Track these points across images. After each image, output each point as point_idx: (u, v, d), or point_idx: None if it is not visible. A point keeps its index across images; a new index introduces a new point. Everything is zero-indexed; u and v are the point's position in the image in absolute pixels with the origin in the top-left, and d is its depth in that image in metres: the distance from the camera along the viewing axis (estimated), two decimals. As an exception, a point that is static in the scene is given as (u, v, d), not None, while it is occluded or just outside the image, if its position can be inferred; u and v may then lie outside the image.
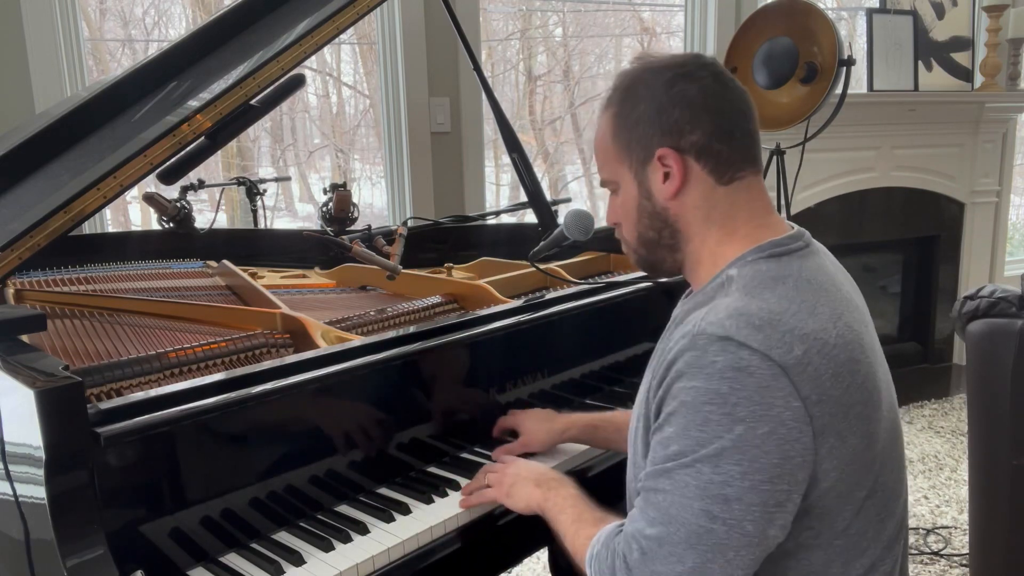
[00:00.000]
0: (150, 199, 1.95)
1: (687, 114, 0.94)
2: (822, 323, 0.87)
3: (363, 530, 1.07)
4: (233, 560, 1.01)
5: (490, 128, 3.23)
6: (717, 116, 0.95)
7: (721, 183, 0.96)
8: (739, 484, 0.82)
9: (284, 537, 1.06)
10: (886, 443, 0.92)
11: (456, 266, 1.93)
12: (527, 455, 1.28)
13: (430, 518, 1.11)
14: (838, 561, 0.90)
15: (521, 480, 1.11)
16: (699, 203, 0.97)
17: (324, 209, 2.04)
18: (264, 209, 2.38)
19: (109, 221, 2.91)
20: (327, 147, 4.66)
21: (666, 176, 0.97)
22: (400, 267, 1.63)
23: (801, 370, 0.83)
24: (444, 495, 1.17)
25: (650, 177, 0.98)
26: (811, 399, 0.83)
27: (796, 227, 1.01)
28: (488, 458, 1.28)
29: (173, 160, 1.26)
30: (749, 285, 0.91)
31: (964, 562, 2.39)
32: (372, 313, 1.47)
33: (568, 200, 2.14)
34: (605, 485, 1.21)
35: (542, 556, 2.38)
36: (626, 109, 0.98)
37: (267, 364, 1.11)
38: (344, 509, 1.13)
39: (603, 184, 1.06)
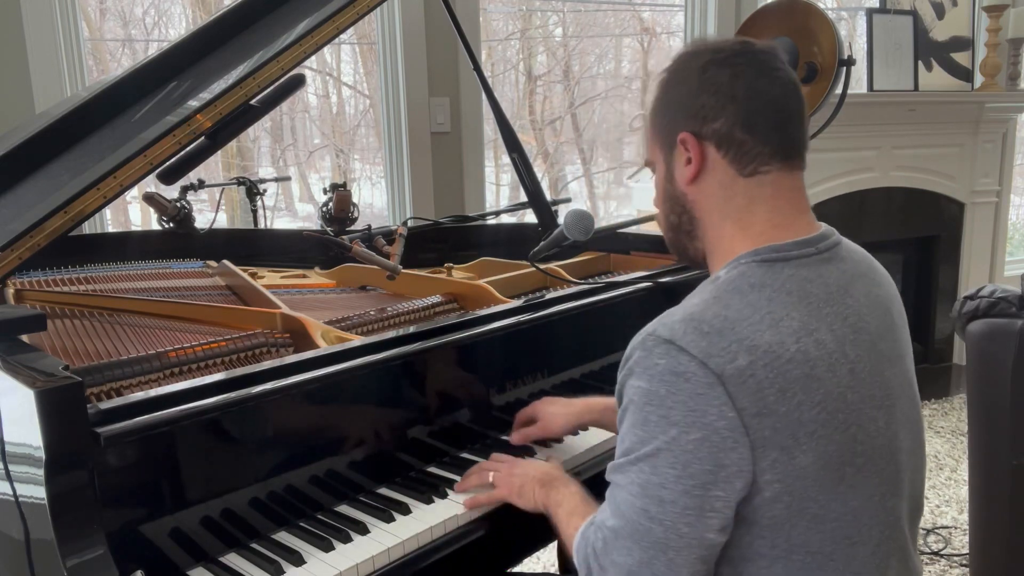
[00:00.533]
0: (150, 199, 1.95)
1: (713, 100, 0.93)
2: (781, 336, 0.85)
3: (363, 530, 1.07)
4: (233, 560, 1.01)
5: (490, 128, 3.23)
6: (744, 105, 0.92)
7: (742, 175, 0.94)
8: (673, 487, 0.83)
9: (284, 537, 1.06)
10: (862, 468, 0.88)
11: (456, 266, 1.93)
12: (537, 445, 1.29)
13: (430, 518, 1.11)
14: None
15: (529, 480, 1.12)
16: (717, 192, 0.96)
17: (324, 209, 2.04)
18: (264, 209, 2.38)
19: (109, 221, 2.91)
20: (327, 147, 4.66)
21: (688, 161, 0.96)
22: (400, 267, 1.63)
23: (741, 381, 0.82)
24: (444, 495, 1.17)
25: (675, 160, 0.98)
26: (749, 411, 0.82)
27: (824, 228, 0.98)
28: (485, 458, 1.28)
29: (173, 160, 1.26)
30: (723, 289, 0.90)
31: (964, 562, 2.39)
32: (372, 313, 1.47)
33: (568, 200, 2.14)
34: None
35: (543, 556, 2.38)
36: (664, 91, 0.99)
37: (267, 364, 1.11)
38: (344, 509, 1.13)
39: (645, 164, 1.06)
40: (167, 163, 1.25)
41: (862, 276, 0.98)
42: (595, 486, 1.14)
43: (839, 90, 2.66)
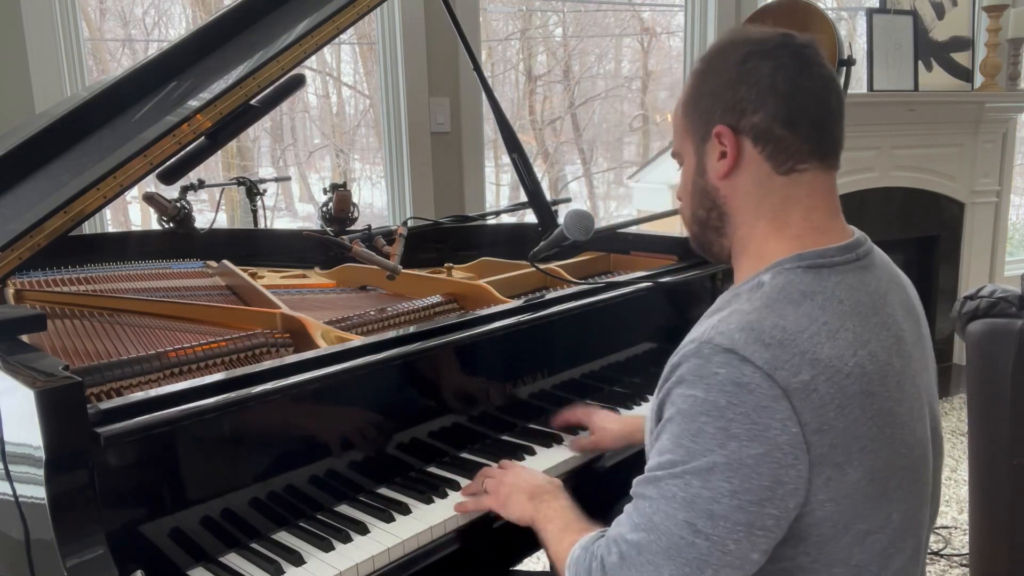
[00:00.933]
0: (150, 199, 1.95)
1: (752, 93, 0.89)
2: (840, 350, 0.82)
3: (363, 530, 1.07)
4: (233, 560, 1.01)
5: (490, 128, 3.23)
6: (786, 99, 0.88)
7: (779, 172, 0.90)
8: (727, 502, 0.79)
9: (284, 537, 1.06)
10: (903, 481, 0.88)
11: (456, 266, 1.93)
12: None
13: (430, 518, 1.11)
14: None
15: (517, 491, 1.10)
16: (751, 189, 0.92)
17: (324, 209, 2.04)
18: (264, 209, 2.38)
19: (109, 221, 2.91)
20: (327, 147, 4.66)
21: (722, 155, 0.92)
22: (400, 267, 1.63)
23: (805, 396, 0.79)
24: (444, 495, 1.17)
25: (708, 154, 0.94)
26: (811, 426, 0.80)
27: (858, 234, 0.95)
28: (485, 458, 1.28)
29: (173, 160, 1.26)
30: (774, 297, 0.86)
31: (964, 562, 2.39)
32: (372, 313, 1.47)
33: (568, 200, 2.14)
34: (619, 477, 1.20)
35: (543, 556, 2.38)
36: (700, 81, 0.94)
37: (267, 364, 1.11)
38: (344, 509, 1.13)
39: (672, 155, 1.03)
40: (167, 163, 1.25)
41: (895, 284, 0.96)
42: (615, 476, 1.14)
43: (839, 90, 2.67)
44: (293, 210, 5.07)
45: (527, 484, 1.11)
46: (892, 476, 0.86)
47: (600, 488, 1.27)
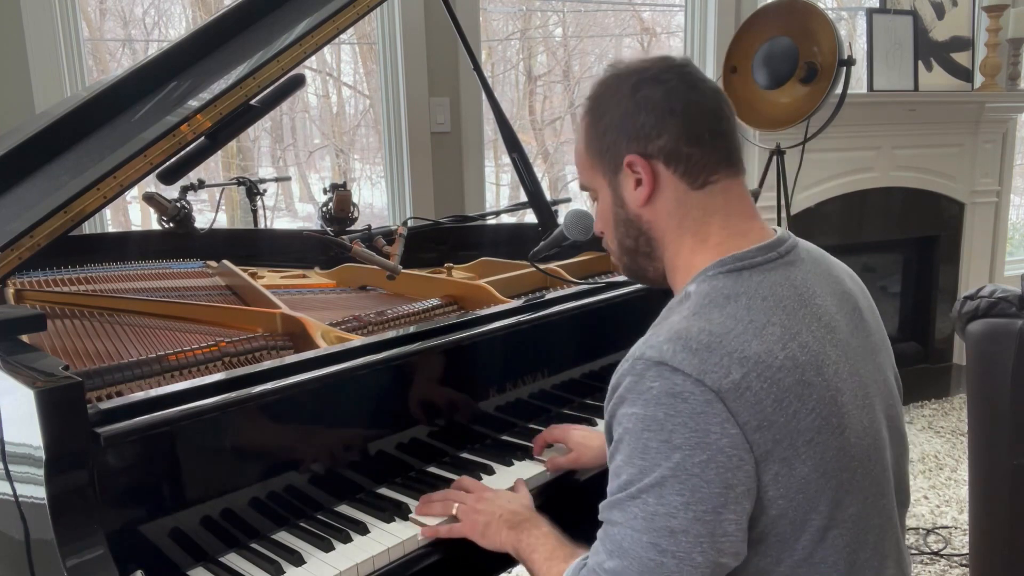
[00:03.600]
0: (150, 199, 1.95)
1: (652, 118, 0.92)
2: (768, 344, 0.84)
3: (363, 530, 1.07)
4: (233, 560, 1.01)
5: (490, 128, 3.23)
6: (684, 119, 0.92)
7: (694, 187, 0.94)
8: (683, 516, 0.80)
9: (284, 537, 1.06)
10: (856, 472, 0.88)
11: (456, 266, 1.93)
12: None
13: (430, 518, 1.11)
14: None
15: (495, 521, 1.06)
16: (672, 209, 0.95)
17: (324, 209, 2.04)
18: (264, 209, 2.38)
19: (109, 221, 2.91)
20: (327, 147, 4.66)
21: (638, 183, 0.95)
22: (400, 267, 1.62)
23: (738, 395, 0.80)
24: (444, 495, 1.16)
25: (622, 184, 0.97)
26: (750, 425, 0.81)
27: (780, 232, 0.97)
28: (485, 458, 1.28)
29: (173, 160, 1.26)
30: (700, 304, 0.89)
31: (964, 562, 2.39)
32: (372, 313, 1.47)
33: (568, 200, 2.14)
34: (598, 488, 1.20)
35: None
36: (596, 117, 0.97)
37: (267, 364, 1.11)
38: (344, 509, 1.13)
39: (582, 189, 1.05)
40: (167, 163, 1.25)
41: (824, 275, 0.97)
42: (583, 500, 1.14)
43: (839, 90, 2.67)
44: (293, 210, 5.07)
45: (503, 511, 1.07)
46: (844, 468, 0.86)
47: (574, 503, 1.26)
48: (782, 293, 0.89)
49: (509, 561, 1.09)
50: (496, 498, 1.11)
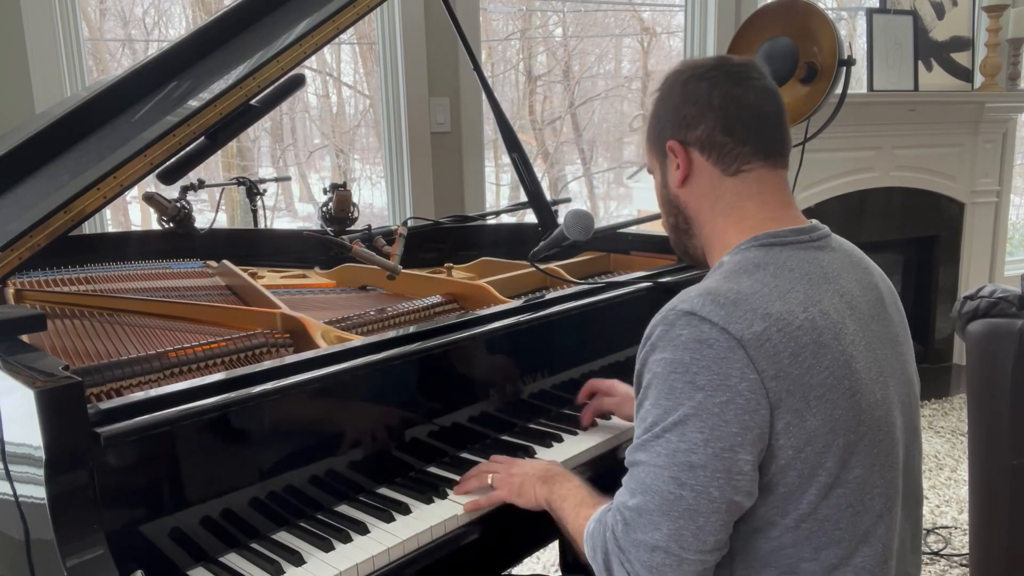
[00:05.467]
0: (150, 199, 1.95)
1: (694, 110, 1.02)
2: (790, 306, 0.91)
3: (363, 530, 1.07)
4: (233, 560, 1.01)
5: (490, 128, 3.23)
6: (722, 111, 1.00)
7: (727, 174, 1.02)
8: (702, 451, 0.87)
9: (284, 537, 1.06)
10: (864, 437, 0.93)
11: (456, 266, 1.93)
12: None
13: (430, 518, 1.11)
14: (808, 546, 0.92)
15: (529, 479, 1.13)
16: (706, 192, 1.04)
17: (324, 209, 2.04)
18: (264, 209, 2.38)
19: (109, 221, 2.91)
20: (327, 147, 4.66)
21: (677, 167, 1.05)
22: (400, 267, 1.63)
23: (759, 345, 0.87)
24: (444, 495, 1.17)
25: (668, 167, 1.07)
26: (768, 373, 0.87)
27: (812, 222, 1.04)
28: (485, 458, 1.28)
29: (173, 160, 1.26)
30: (731, 270, 0.97)
31: (964, 562, 2.39)
32: (372, 313, 1.47)
33: (568, 200, 2.14)
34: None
35: (543, 556, 2.38)
36: (656, 107, 1.08)
37: (267, 364, 1.11)
38: (344, 509, 1.13)
39: (648, 171, 1.14)
40: (167, 163, 1.25)
41: (854, 265, 1.05)
42: (598, 484, 1.14)
43: (839, 90, 2.66)
44: (293, 210, 5.08)
45: (536, 469, 1.15)
46: (854, 431, 0.92)
47: (609, 483, 1.27)
48: (808, 268, 0.97)
49: (509, 560, 1.09)
50: (527, 463, 1.19)
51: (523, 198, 1.88)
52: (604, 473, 1.31)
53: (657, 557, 0.88)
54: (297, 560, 1.00)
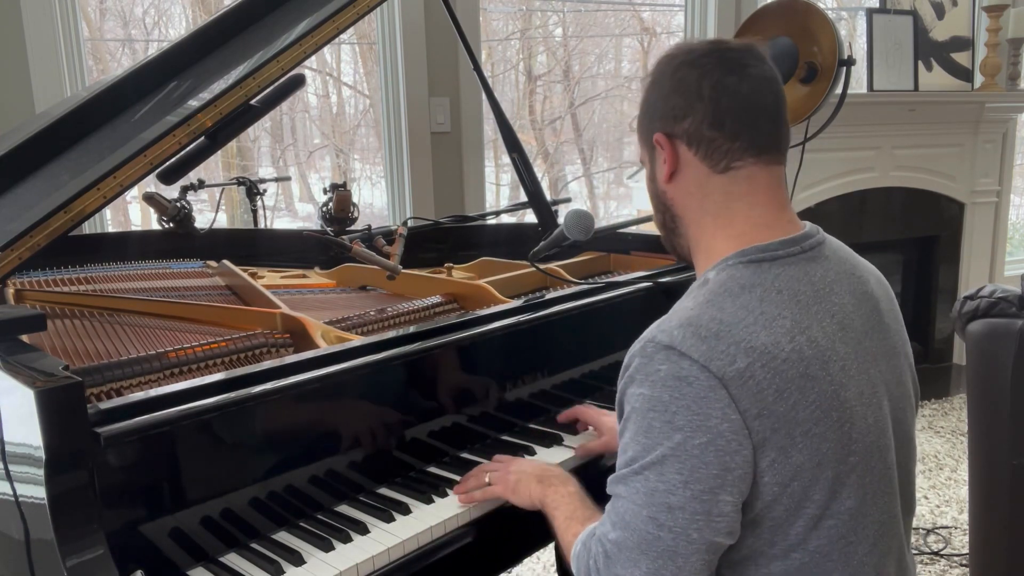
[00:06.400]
0: (150, 199, 1.95)
1: (682, 100, 0.95)
2: (776, 336, 0.86)
3: (363, 530, 1.07)
4: (233, 560, 1.01)
5: (490, 128, 3.23)
6: (711, 103, 0.93)
7: (716, 171, 0.95)
8: (681, 493, 0.83)
9: (284, 537, 1.06)
10: (856, 466, 0.89)
11: (456, 266, 1.93)
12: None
13: (430, 518, 1.11)
14: (798, 574, 0.89)
15: (525, 476, 1.12)
16: (693, 190, 0.97)
17: (324, 209, 2.04)
18: (264, 209, 2.38)
19: (109, 221, 2.91)
20: (327, 147, 4.66)
21: (664, 161, 0.98)
22: (400, 267, 1.63)
23: (741, 383, 0.83)
24: (444, 495, 1.17)
25: (656, 160, 1.00)
26: (750, 412, 0.83)
27: (808, 227, 0.98)
28: (485, 458, 1.28)
29: (173, 160, 1.26)
30: (715, 291, 0.90)
31: (964, 562, 2.39)
32: (372, 313, 1.47)
33: (568, 200, 2.14)
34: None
35: (542, 556, 2.38)
36: (646, 95, 1.01)
37: (267, 364, 1.11)
38: (344, 509, 1.13)
39: (640, 161, 1.09)
40: (167, 163, 1.25)
41: (847, 274, 0.98)
42: (597, 483, 1.14)
43: (839, 90, 2.66)
44: (293, 210, 5.08)
45: (534, 468, 1.14)
46: (843, 461, 0.88)
47: (600, 486, 1.27)
48: (798, 288, 0.91)
49: (509, 560, 1.09)
50: (526, 461, 1.18)
51: (523, 198, 1.88)
52: (604, 473, 1.31)
53: None
54: (297, 560, 1.00)
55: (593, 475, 1.30)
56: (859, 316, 0.95)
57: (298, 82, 1.48)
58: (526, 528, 1.15)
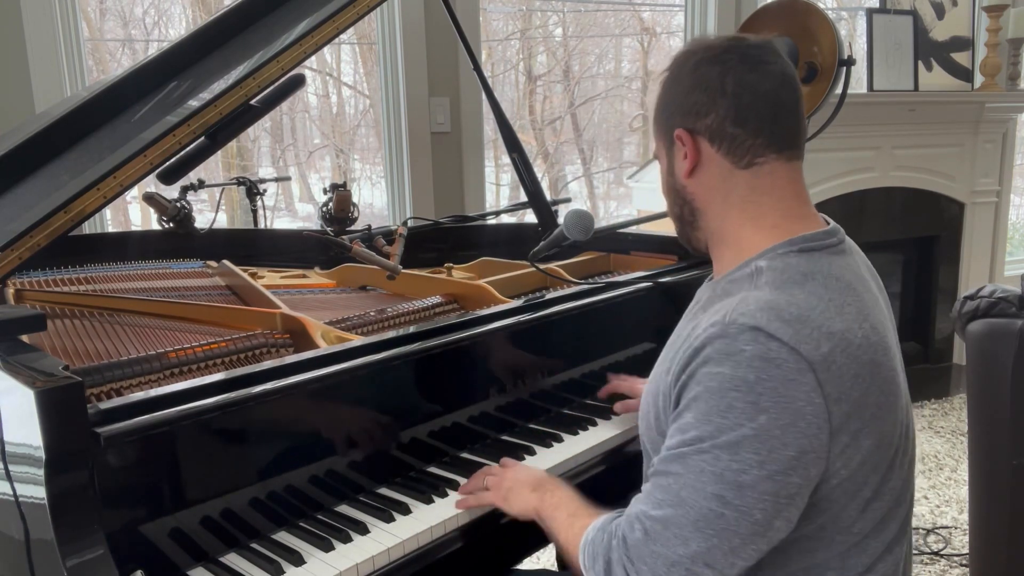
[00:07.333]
0: (150, 199, 1.95)
1: (704, 97, 0.96)
2: (848, 323, 0.87)
3: (363, 530, 1.07)
4: (233, 560, 1.01)
5: (490, 128, 3.23)
6: (734, 99, 0.94)
7: (739, 167, 0.96)
8: (755, 472, 0.82)
9: (284, 537, 1.06)
10: (898, 447, 0.93)
11: (456, 266, 1.93)
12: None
13: (430, 518, 1.11)
14: (838, 557, 0.91)
15: (519, 485, 1.11)
16: (716, 185, 0.98)
17: (324, 209, 2.04)
18: (264, 209, 2.38)
19: (109, 221, 2.91)
20: (327, 147, 4.66)
21: (685, 156, 0.99)
22: (400, 267, 1.63)
23: (826, 367, 0.84)
24: (444, 495, 1.17)
25: (675, 156, 1.01)
26: (832, 397, 0.84)
27: (831, 223, 1.01)
28: (485, 458, 1.28)
29: (173, 160, 1.26)
30: (779, 279, 0.91)
31: (964, 562, 2.39)
32: (372, 313, 1.47)
33: (568, 200, 2.14)
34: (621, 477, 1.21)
35: (542, 556, 2.38)
36: (663, 90, 1.02)
37: (267, 364, 1.11)
38: (344, 509, 1.13)
39: (654, 156, 1.10)
40: (167, 163, 1.25)
41: (867, 267, 1.03)
42: (594, 486, 1.15)
43: (839, 90, 2.66)
44: (293, 210, 5.08)
45: (528, 477, 1.13)
46: (892, 443, 0.91)
47: (603, 485, 1.27)
48: (848, 277, 0.94)
49: (509, 560, 1.09)
50: (523, 469, 1.17)
51: (523, 198, 1.88)
52: (604, 472, 1.32)
53: (675, 573, 0.84)
54: (297, 560, 1.00)
55: (603, 472, 1.30)
56: (886, 307, 1.01)
57: (298, 82, 1.48)
58: (526, 528, 1.15)
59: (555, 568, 2.19)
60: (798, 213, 0.97)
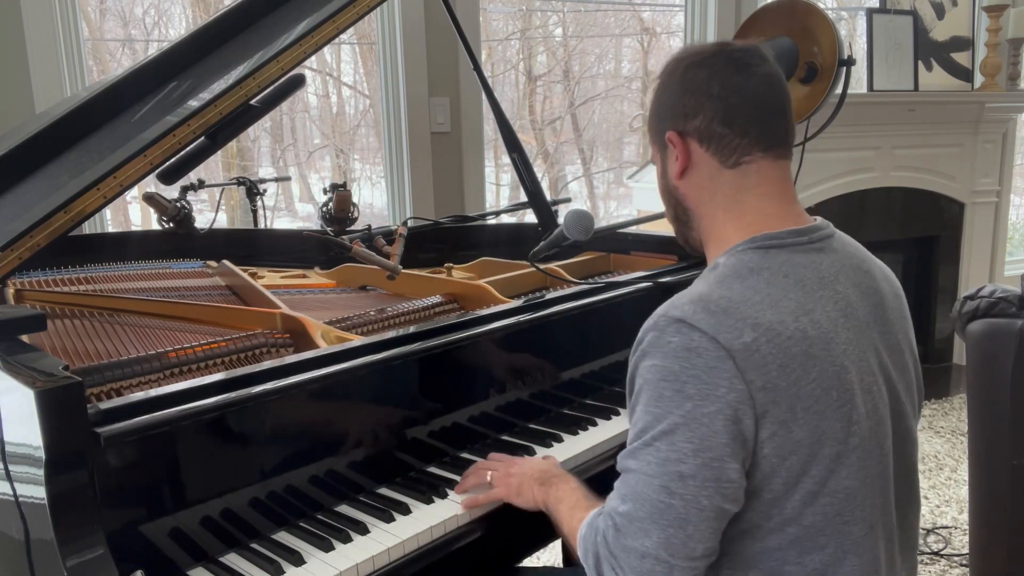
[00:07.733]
0: (150, 199, 1.95)
1: (692, 100, 0.99)
2: (781, 315, 0.90)
3: (363, 530, 1.07)
4: (233, 560, 1.01)
5: (490, 128, 3.23)
6: (721, 101, 0.98)
7: (727, 166, 0.99)
8: (692, 461, 0.86)
9: (284, 537, 1.06)
10: (856, 449, 0.91)
11: (456, 266, 1.93)
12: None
13: (430, 518, 1.11)
14: (793, 549, 0.92)
15: (527, 479, 1.13)
16: (705, 184, 1.02)
17: (324, 209, 2.04)
18: (264, 209, 2.38)
19: (109, 221, 2.91)
20: (327, 147, 4.66)
21: (676, 158, 1.02)
22: (400, 267, 1.63)
23: (748, 355, 0.87)
24: (444, 495, 1.17)
25: (667, 158, 1.05)
26: (756, 384, 0.87)
27: (819, 221, 1.02)
28: (485, 458, 1.28)
29: (173, 160, 1.26)
30: (724, 274, 0.95)
31: (964, 562, 2.39)
32: (372, 313, 1.47)
33: (568, 200, 2.14)
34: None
35: (543, 556, 2.38)
36: (656, 96, 1.06)
37: (267, 364, 1.11)
38: (344, 509, 1.13)
39: (651, 160, 1.13)
40: (167, 163, 1.25)
41: (854, 268, 1.02)
42: (596, 484, 1.15)
43: (839, 90, 2.66)
44: (293, 210, 5.07)
45: (535, 470, 1.15)
46: (843, 442, 0.91)
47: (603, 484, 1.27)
48: (803, 274, 0.95)
49: (509, 560, 1.09)
50: (526, 462, 1.19)
51: (523, 198, 1.88)
52: (604, 472, 1.32)
53: (647, 564, 0.88)
54: (297, 560, 1.00)
55: (603, 471, 1.30)
56: (863, 308, 0.99)
57: (298, 82, 1.48)
58: (526, 527, 1.15)
59: (559, 566, 2.19)
60: (776, 212, 1.00)
